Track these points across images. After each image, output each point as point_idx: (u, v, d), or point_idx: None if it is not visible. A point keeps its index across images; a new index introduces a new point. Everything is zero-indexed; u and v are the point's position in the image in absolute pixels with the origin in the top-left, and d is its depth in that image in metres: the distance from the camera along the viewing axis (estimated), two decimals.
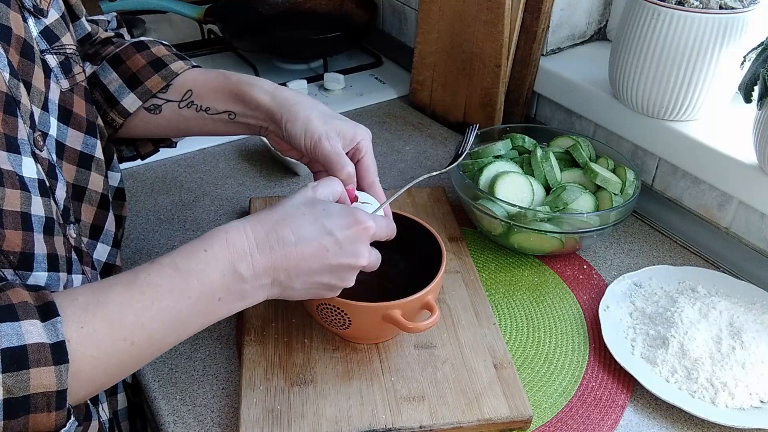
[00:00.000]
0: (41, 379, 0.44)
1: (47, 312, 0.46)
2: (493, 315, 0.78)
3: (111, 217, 0.67)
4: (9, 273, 0.51)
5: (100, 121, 0.67)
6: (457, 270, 0.84)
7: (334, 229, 0.55)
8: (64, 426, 0.47)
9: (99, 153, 0.65)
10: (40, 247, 0.53)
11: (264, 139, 1.04)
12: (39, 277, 0.53)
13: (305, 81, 1.23)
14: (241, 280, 0.53)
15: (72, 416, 0.47)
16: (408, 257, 0.79)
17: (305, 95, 0.70)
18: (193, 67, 0.73)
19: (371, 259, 0.60)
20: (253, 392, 0.68)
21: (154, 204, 0.97)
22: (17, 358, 0.43)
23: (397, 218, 0.78)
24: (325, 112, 0.68)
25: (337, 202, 0.62)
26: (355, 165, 0.67)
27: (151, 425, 0.79)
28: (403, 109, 1.23)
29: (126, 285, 0.50)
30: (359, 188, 0.69)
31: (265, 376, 0.69)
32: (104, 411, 0.65)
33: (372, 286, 0.80)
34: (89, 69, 0.71)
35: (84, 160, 0.63)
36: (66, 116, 0.60)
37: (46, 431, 0.46)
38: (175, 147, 0.83)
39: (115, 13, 0.78)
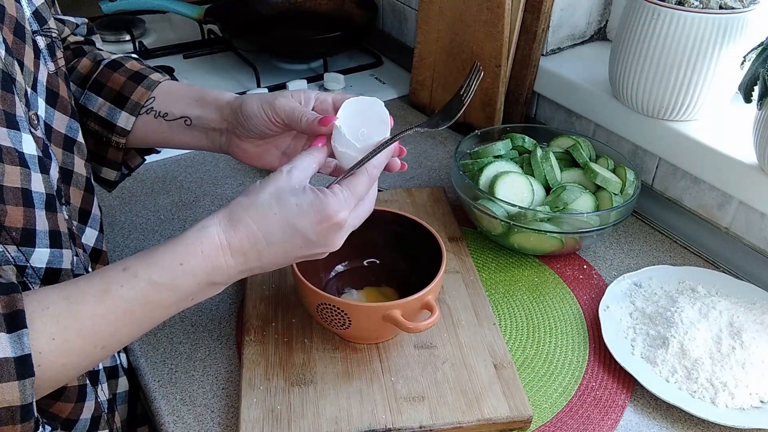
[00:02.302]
0: (4, 394, 0.44)
1: (14, 323, 0.46)
2: (493, 315, 0.78)
3: (96, 202, 0.68)
4: (12, 249, 0.51)
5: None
6: (457, 270, 0.84)
7: (305, 229, 0.55)
8: None
9: (80, 138, 0.65)
10: (41, 224, 0.53)
11: None
12: (42, 253, 0.54)
13: (305, 81, 1.23)
14: (215, 285, 0.55)
15: (41, 426, 0.48)
16: (408, 257, 0.79)
17: None
18: (169, 79, 0.74)
19: (354, 221, 0.59)
20: (253, 392, 0.68)
21: (154, 204, 0.97)
22: None
23: (397, 218, 0.78)
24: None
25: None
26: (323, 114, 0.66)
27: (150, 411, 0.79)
28: (403, 109, 1.23)
29: (98, 297, 0.50)
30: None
31: (265, 376, 0.69)
32: (103, 392, 0.65)
33: (372, 285, 0.80)
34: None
35: (68, 144, 0.63)
36: (53, 98, 0.60)
37: None
38: (159, 152, 0.82)
39: (86, 20, 0.78)
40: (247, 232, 0.55)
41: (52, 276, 0.56)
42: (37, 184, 0.53)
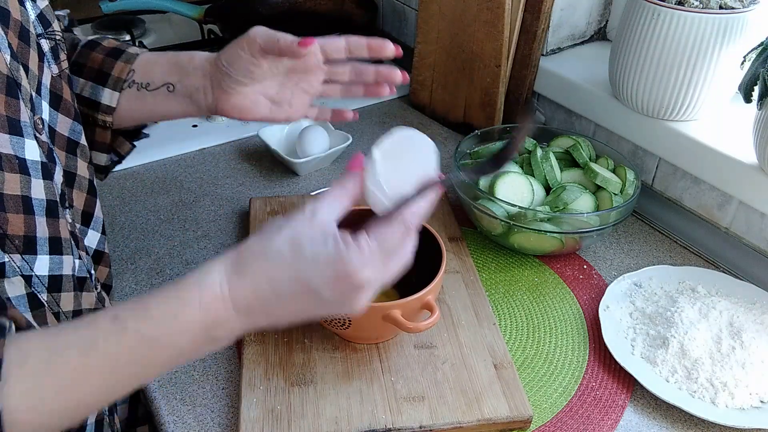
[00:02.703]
0: None
1: None
2: (493, 315, 0.78)
3: (99, 205, 0.67)
4: (17, 259, 0.51)
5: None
6: (457, 270, 0.84)
7: (318, 287, 0.48)
8: None
9: (83, 140, 0.65)
10: (42, 231, 0.53)
11: (262, 137, 1.04)
12: (43, 260, 0.53)
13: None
14: (213, 341, 0.49)
15: None
16: None
17: None
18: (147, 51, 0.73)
19: (372, 294, 0.50)
20: (253, 392, 0.68)
21: (154, 204, 0.97)
22: None
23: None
24: None
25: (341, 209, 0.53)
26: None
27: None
28: (403, 109, 1.23)
29: (83, 352, 0.45)
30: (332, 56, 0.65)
31: (265, 376, 0.69)
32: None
33: None
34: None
35: (71, 146, 0.63)
36: (56, 101, 0.60)
37: None
38: (148, 136, 0.81)
39: (68, 11, 0.77)
40: (254, 283, 0.48)
41: (54, 283, 0.55)
42: (38, 190, 0.53)
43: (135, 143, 0.77)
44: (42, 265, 0.53)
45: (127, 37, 1.39)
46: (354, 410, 0.66)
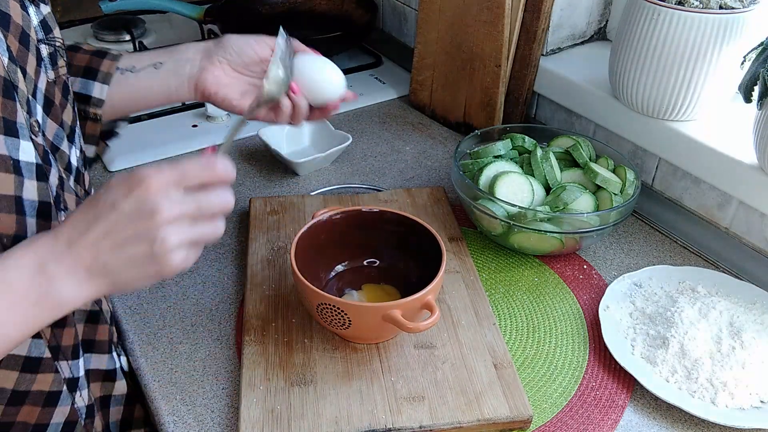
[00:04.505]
0: None
1: None
2: (493, 315, 0.78)
3: None
4: None
5: (66, 117, 0.68)
6: (457, 270, 0.84)
7: (114, 199, 0.50)
8: None
9: (64, 145, 0.64)
10: (31, 232, 0.54)
11: (262, 137, 1.04)
12: None
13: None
14: (51, 279, 0.50)
15: None
16: (408, 257, 0.79)
17: None
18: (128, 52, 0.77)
19: (182, 208, 0.51)
20: (253, 392, 0.68)
21: None
22: None
23: (397, 218, 0.78)
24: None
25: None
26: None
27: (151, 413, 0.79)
28: (403, 109, 1.23)
29: None
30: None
31: (265, 376, 0.69)
32: (82, 398, 0.65)
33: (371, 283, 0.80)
34: None
35: (53, 151, 0.63)
36: (48, 106, 0.61)
37: None
38: (119, 135, 0.82)
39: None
40: (70, 220, 0.52)
41: None
42: (30, 192, 0.53)
43: (108, 143, 0.80)
44: None
45: (127, 37, 1.39)
46: (354, 410, 0.66)
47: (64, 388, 0.61)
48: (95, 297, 0.52)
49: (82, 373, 0.64)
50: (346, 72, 1.27)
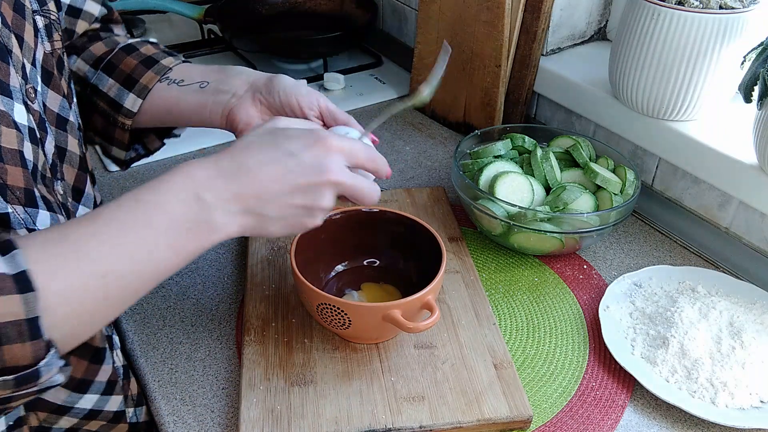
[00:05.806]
0: (7, 307, 0.42)
1: (5, 247, 0.44)
2: (493, 315, 0.78)
3: (89, 181, 0.68)
4: (20, 210, 0.51)
5: (66, 88, 0.68)
6: (457, 270, 0.84)
7: (294, 149, 0.53)
8: (44, 358, 0.44)
9: (73, 117, 0.65)
10: (38, 189, 0.54)
11: None
12: (44, 215, 0.54)
13: (305, 81, 1.22)
14: (207, 208, 0.51)
15: (53, 349, 0.44)
16: (408, 257, 0.79)
17: None
18: (183, 62, 0.75)
19: (345, 177, 0.55)
20: (253, 392, 0.68)
21: None
22: None
23: (397, 218, 0.78)
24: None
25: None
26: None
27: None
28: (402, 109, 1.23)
29: (89, 221, 0.48)
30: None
31: (265, 376, 0.69)
32: (118, 357, 0.65)
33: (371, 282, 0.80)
34: (74, 62, 0.73)
35: (61, 122, 0.63)
36: (47, 78, 0.61)
37: (26, 364, 0.43)
38: (178, 136, 0.83)
39: (105, 10, 0.78)
40: (234, 153, 0.53)
41: None
42: (29, 152, 0.53)
43: (165, 141, 0.80)
44: (43, 220, 0.54)
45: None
46: (354, 410, 0.66)
47: (106, 345, 0.62)
48: (237, 235, 0.53)
49: (114, 330, 0.66)
50: (346, 72, 1.29)
